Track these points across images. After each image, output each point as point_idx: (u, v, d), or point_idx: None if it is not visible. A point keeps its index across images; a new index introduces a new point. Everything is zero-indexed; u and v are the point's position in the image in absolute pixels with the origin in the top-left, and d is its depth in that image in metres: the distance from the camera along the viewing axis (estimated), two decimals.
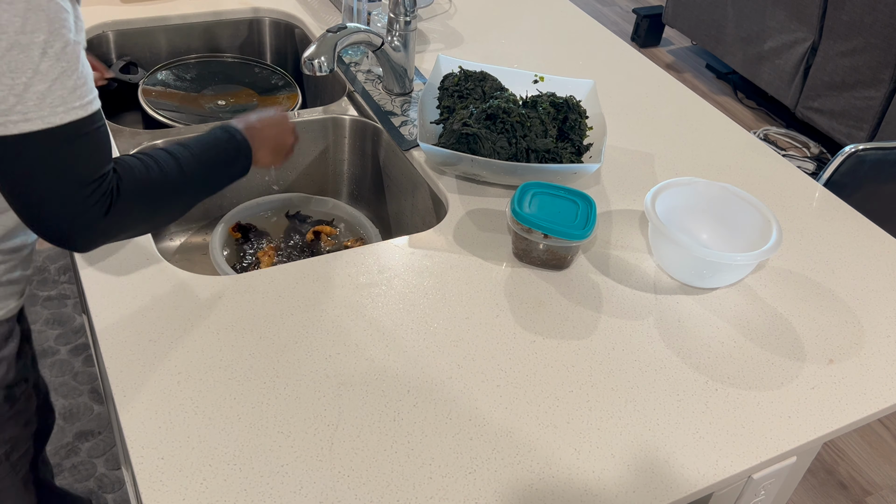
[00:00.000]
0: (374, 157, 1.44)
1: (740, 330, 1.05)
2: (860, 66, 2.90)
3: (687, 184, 1.17)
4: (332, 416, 0.87)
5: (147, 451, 0.81)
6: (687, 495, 0.85)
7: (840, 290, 1.14)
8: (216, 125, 1.06)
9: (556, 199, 1.11)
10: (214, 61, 1.66)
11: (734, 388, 0.97)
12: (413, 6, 1.36)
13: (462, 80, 1.34)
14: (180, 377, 0.89)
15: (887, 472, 2.07)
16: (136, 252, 1.04)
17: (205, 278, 1.01)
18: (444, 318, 1.00)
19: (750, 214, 1.14)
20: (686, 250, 1.05)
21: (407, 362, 0.94)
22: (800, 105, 3.18)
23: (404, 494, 0.81)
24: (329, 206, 1.43)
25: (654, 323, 1.04)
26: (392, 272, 1.06)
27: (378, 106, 1.41)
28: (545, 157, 1.22)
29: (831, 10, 2.95)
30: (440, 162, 1.24)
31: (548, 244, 1.07)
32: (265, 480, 0.80)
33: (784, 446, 0.91)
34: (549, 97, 1.29)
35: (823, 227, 1.26)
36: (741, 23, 3.33)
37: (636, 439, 0.89)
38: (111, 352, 0.91)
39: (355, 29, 1.28)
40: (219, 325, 0.95)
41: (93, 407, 1.96)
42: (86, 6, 1.57)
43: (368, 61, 1.53)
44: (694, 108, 1.52)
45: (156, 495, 0.77)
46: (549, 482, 0.84)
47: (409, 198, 1.36)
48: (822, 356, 1.03)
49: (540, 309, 1.04)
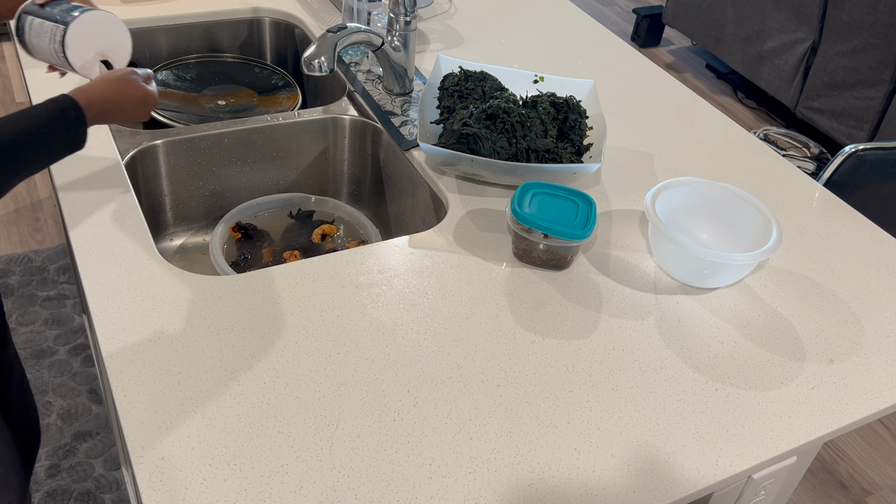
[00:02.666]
0: (374, 157, 1.44)
1: (740, 330, 1.05)
2: (860, 66, 2.90)
3: (687, 184, 1.17)
4: (332, 416, 0.87)
5: (147, 451, 0.81)
6: (687, 495, 0.85)
7: (840, 290, 1.14)
8: (47, 101, 0.91)
9: (556, 199, 1.11)
10: (214, 61, 1.66)
11: (734, 388, 0.97)
12: (413, 6, 1.36)
13: (462, 80, 1.34)
14: (180, 377, 0.89)
15: (887, 472, 2.07)
16: (136, 252, 1.04)
17: (205, 278, 1.01)
18: (444, 318, 1.00)
19: (750, 214, 1.14)
20: (686, 250, 1.05)
21: (407, 362, 0.94)
22: (800, 105, 3.19)
23: (404, 494, 0.81)
24: (329, 206, 1.43)
25: (654, 323, 1.04)
26: (392, 272, 1.06)
27: (378, 106, 1.41)
28: (545, 157, 1.22)
29: (831, 10, 2.95)
30: (440, 162, 1.24)
31: (548, 244, 1.07)
32: (265, 480, 0.80)
33: (784, 446, 0.91)
34: (549, 97, 1.29)
35: (823, 227, 1.26)
36: (741, 23, 3.33)
37: (636, 439, 0.89)
38: (111, 352, 0.91)
39: (355, 29, 1.28)
40: (219, 325, 0.95)
41: (91, 407, 1.96)
42: None
43: (368, 61, 1.53)
44: (694, 108, 1.52)
45: (156, 495, 0.77)
46: (549, 482, 0.84)
47: (409, 198, 1.36)
48: (822, 356, 1.03)
49: (540, 309, 1.04)
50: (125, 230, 1.07)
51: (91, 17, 1.05)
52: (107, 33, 1.07)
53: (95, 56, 1.06)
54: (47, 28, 1.05)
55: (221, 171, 1.39)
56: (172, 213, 1.40)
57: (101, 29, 1.05)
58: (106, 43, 1.07)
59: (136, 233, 1.07)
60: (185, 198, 1.39)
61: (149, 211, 1.37)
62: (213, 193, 1.41)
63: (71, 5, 1.07)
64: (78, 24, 1.03)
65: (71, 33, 1.03)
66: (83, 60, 1.05)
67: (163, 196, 1.37)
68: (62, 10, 1.06)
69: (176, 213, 1.40)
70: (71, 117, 0.90)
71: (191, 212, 1.41)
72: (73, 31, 1.03)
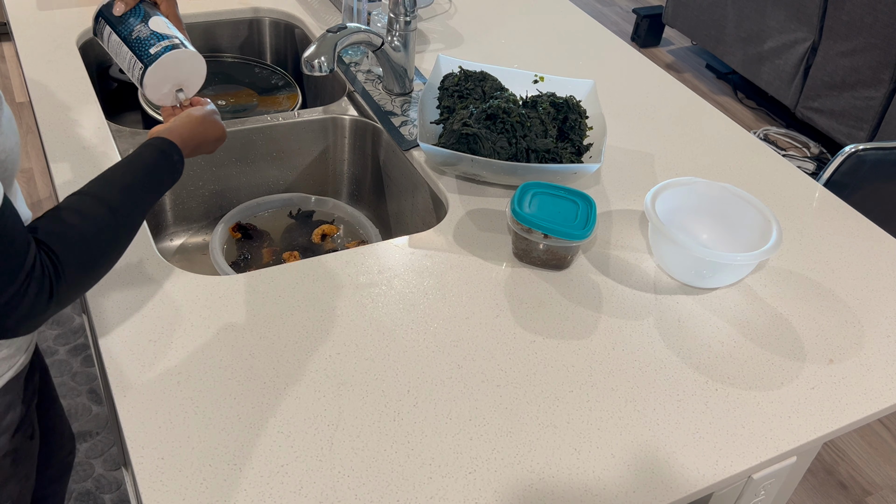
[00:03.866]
0: (374, 157, 1.44)
1: (740, 330, 1.05)
2: (860, 66, 2.90)
3: (687, 184, 1.17)
4: (332, 416, 0.87)
5: (147, 451, 0.81)
6: (687, 495, 0.85)
7: (840, 290, 1.14)
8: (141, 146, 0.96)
9: (556, 199, 1.11)
10: (214, 61, 1.66)
11: (734, 388, 0.97)
12: (413, 6, 1.36)
13: (462, 80, 1.34)
14: (180, 377, 0.89)
15: (887, 472, 2.07)
16: (136, 252, 1.04)
17: (205, 278, 1.01)
18: (444, 318, 1.00)
19: (750, 214, 1.14)
20: (686, 250, 1.05)
21: (407, 362, 0.94)
22: (800, 105, 3.19)
23: (404, 494, 0.81)
24: (329, 206, 1.43)
25: (654, 323, 1.04)
26: (392, 272, 1.06)
27: (378, 106, 1.41)
28: (545, 157, 1.22)
29: (831, 10, 2.95)
30: (440, 162, 1.24)
31: (548, 244, 1.07)
32: (265, 480, 0.80)
33: (784, 446, 0.91)
34: (549, 97, 1.29)
35: (823, 227, 1.26)
36: (741, 23, 3.33)
37: (636, 439, 0.89)
38: (111, 352, 0.91)
39: (355, 29, 1.28)
40: (219, 325, 0.95)
41: (91, 407, 1.96)
42: (86, 6, 1.57)
43: (368, 61, 1.53)
44: (694, 108, 1.52)
45: (156, 495, 0.77)
46: (549, 482, 0.84)
47: (409, 198, 1.36)
48: (822, 356, 1.03)
49: (540, 309, 1.04)
50: None
51: (169, 59, 1.01)
52: (183, 68, 1.04)
53: (171, 88, 1.05)
54: (125, 54, 1.03)
55: (221, 171, 1.39)
56: (172, 213, 1.40)
57: (178, 66, 1.03)
58: (181, 76, 1.05)
59: None
60: (185, 198, 1.39)
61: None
62: (213, 193, 1.41)
63: (151, 31, 1.02)
64: (156, 67, 1.01)
65: (149, 74, 1.01)
66: (159, 94, 1.06)
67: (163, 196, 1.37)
68: (141, 37, 1.02)
69: (176, 213, 1.40)
70: (175, 160, 0.96)
71: (191, 212, 1.41)
72: (151, 72, 1.01)
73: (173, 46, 1.02)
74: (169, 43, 1.02)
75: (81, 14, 1.55)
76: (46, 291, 0.77)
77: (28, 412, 1.03)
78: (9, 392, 0.96)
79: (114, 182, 0.88)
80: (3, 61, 3.20)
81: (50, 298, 0.77)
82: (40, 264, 0.77)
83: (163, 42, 1.02)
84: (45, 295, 0.77)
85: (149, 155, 0.94)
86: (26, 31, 1.48)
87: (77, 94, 1.32)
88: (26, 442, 1.04)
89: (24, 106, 2.97)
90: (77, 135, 1.23)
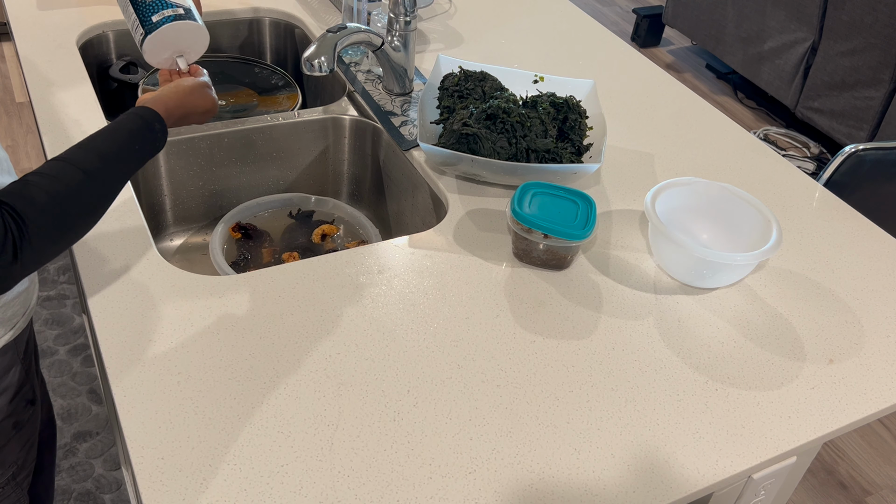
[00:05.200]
0: (374, 157, 1.44)
1: (740, 330, 1.05)
2: (860, 66, 2.90)
3: (687, 184, 1.17)
4: (332, 416, 0.87)
5: (147, 451, 0.81)
6: (687, 495, 0.85)
7: (840, 290, 1.14)
8: (124, 114, 0.97)
9: (556, 199, 1.11)
10: (214, 61, 1.66)
11: (734, 388, 0.97)
12: (413, 6, 1.36)
13: (462, 80, 1.34)
14: (180, 377, 0.89)
15: (887, 472, 2.07)
16: (136, 252, 1.04)
17: (205, 278, 1.01)
18: (444, 318, 1.00)
19: (750, 214, 1.14)
20: (686, 250, 1.05)
21: (407, 362, 0.94)
22: (800, 105, 3.19)
23: (404, 494, 0.81)
24: (329, 206, 1.43)
25: (654, 323, 1.04)
26: (392, 272, 1.06)
27: (378, 106, 1.41)
28: (545, 157, 1.22)
29: (831, 10, 2.95)
30: (440, 162, 1.24)
31: (548, 244, 1.07)
32: (265, 480, 0.80)
33: (784, 446, 0.91)
34: (549, 97, 1.29)
35: (823, 227, 1.26)
36: (741, 23, 3.33)
37: (636, 439, 0.89)
38: (111, 352, 0.91)
39: (355, 29, 1.28)
40: (219, 325, 0.95)
41: (91, 407, 1.96)
42: (86, 6, 1.57)
43: (368, 61, 1.53)
44: (694, 108, 1.52)
45: (156, 495, 0.77)
46: (549, 482, 0.84)
47: (409, 198, 1.36)
48: (822, 356, 1.03)
49: (540, 309, 1.04)
50: (125, 230, 1.07)
51: (170, 29, 1.00)
52: (185, 38, 1.03)
53: (171, 54, 1.05)
54: (130, 14, 1.02)
55: (221, 171, 1.39)
56: (172, 213, 1.40)
57: (179, 35, 1.02)
58: (182, 45, 1.04)
59: (136, 233, 1.07)
60: (185, 198, 1.39)
61: (149, 211, 1.37)
62: (213, 193, 1.41)
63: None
64: (156, 35, 1.00)
65: (149, 41, 1.01)
66: (159, 59, 1.06)
67: (163, 196, 1.37)
68: (147, 1, 1.01)
69: (176, 213, 1.40)
70: (157, 130, 0.96)
71: (191, 212, 1.41)
72: (150, 40, 1.01)
73: (177, 17, 1.01)
74: (173, 13, 1.01)
75: (81, 14, 1.55)
76: (10, 253, 0.76)
77: (28, 375, 1.04)
78: (7, 352, 0.98)
79: (92, 148, 0.88)
80: (3, 61, 3.21)
81: (14, 260, 0.76)
82: (3, 225, 0.76)
83: (167, 10, 1.01)
84: (6, 256, 0.76)
85: (131, 122, 0.94)
86: (26, 31, 1.48)
87: (77, 94, 1.32)
88: (28, 407, 1.05)
89: (24, 106, 2.97)
90: (77, 135, 1.23)
